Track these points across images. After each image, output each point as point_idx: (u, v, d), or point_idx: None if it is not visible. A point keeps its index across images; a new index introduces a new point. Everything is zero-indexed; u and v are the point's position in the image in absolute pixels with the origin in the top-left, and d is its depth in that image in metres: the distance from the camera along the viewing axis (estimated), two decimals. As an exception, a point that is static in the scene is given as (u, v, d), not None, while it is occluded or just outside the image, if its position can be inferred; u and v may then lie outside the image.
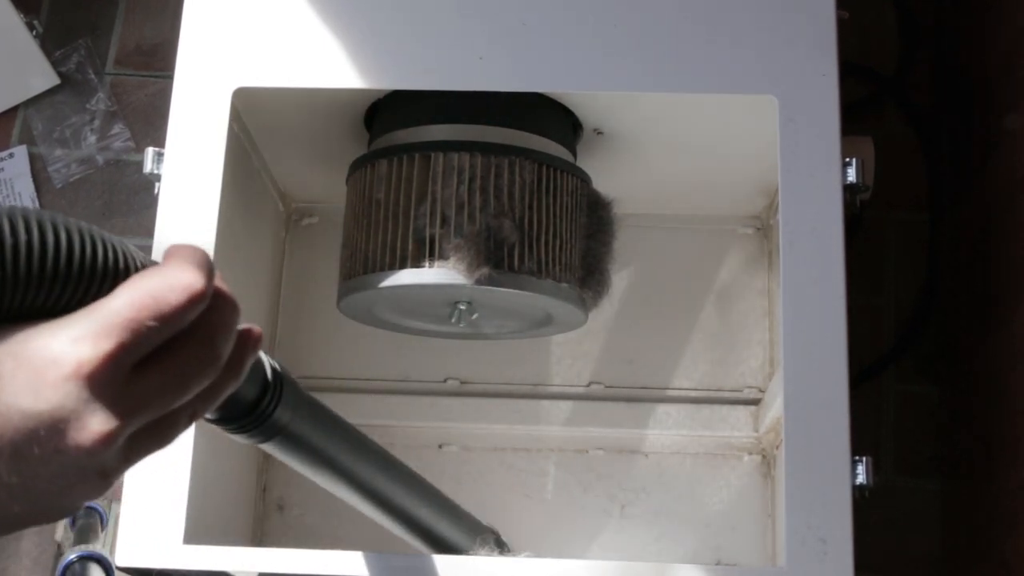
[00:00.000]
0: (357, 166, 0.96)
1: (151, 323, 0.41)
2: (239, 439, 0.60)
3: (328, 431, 0.67)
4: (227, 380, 0.47)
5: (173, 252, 0.46)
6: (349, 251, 0.95)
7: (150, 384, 0.42)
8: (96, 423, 0.40)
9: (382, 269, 0.91)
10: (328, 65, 0.90)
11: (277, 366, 0.60)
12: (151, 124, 1.37)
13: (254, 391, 0.58)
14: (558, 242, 0.92)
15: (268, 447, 0.62)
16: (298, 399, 0.61)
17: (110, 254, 0.43)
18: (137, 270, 0.44)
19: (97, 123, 1.38)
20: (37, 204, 1.35)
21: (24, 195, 1.35)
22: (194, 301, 0.43)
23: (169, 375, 0.43)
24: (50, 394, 0.40)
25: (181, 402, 0.44)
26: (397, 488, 0.77)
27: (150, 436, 0.44)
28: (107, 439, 0.41)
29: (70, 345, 0.40)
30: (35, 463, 0.40)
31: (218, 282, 0.46)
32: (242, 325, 0.48)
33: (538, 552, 1.07)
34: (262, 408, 0.58)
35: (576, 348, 1.13)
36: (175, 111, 0.89)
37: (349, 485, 0.72)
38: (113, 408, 0.41)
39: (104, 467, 0.42)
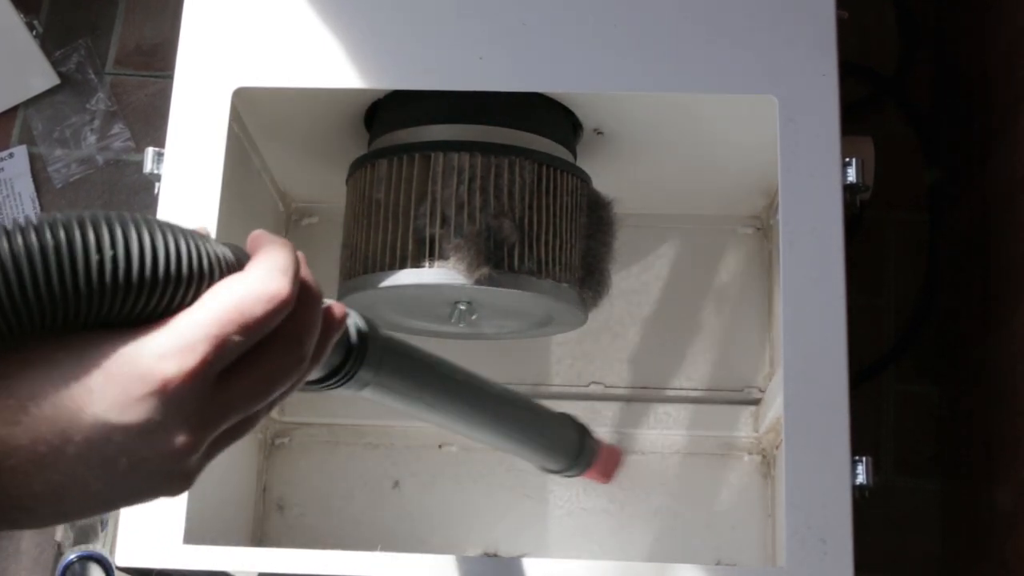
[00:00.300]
0: (357, 166, 0.96)
1: (236, 337, 0.42)
2: (328, 393, 0.61)
3: (415, 376, 0.68)
4: (311, 368, 0.48)
5: (259, 246, 0.46)
6: (349, 251, 0.95)
7: (235, 392, 0.43)
8: (181, 435, 0.42)
9: (382, 269, 0.91)
10: (328, 65, 0.90)
11: (362, 324, 0.60)
12: (151, 124, 1.37)
13: (338, 358, 0.59)
14: (558, 242, 0.92)
15: (359, 394, 0.63)
16: (382, 354, 0.62)
17: (195, 257, 0.43)
18: (223, 270, 0.44)
19: (97, 123, 1.38)
20: (37, 204, 1.35)
21: (24, 195, 1.35)
22: (279, 310, 0.43)
23: (254, 381, 0.44)
24: (137, 409, 0.41)
25: (265, 404, 0.45)
26: (480, 418, 0.78)
27: (232, 434, 0.45)
28: (190, 449, 0.42)
29: (156, 361, 0.41)
30: (121, 471, 0.42)
31: (303, 273, 0.46)
32: (324, 303, 0.48)
33: (538, 552, 1.07)
34: (346, 370, 0.59)
35: (576, 348, 1.13)
36: (175, 111, 0.89)
37: (439, 419, 0.75)
38: (197, 420, 0.42)
39: (187, 470, 0.44)
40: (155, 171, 0.89)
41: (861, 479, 0.80)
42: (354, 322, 0.60)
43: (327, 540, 1.08)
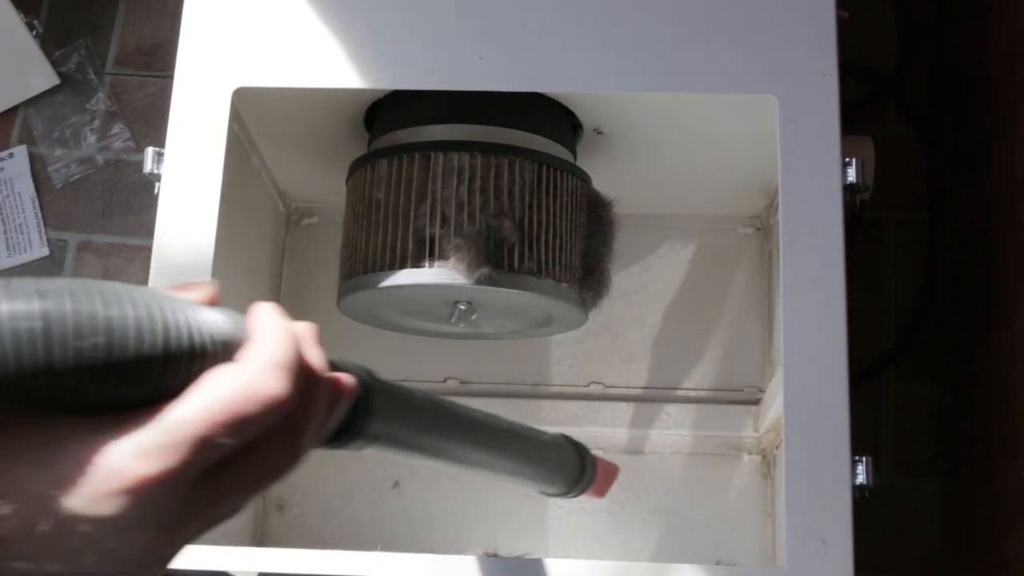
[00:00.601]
0: (357, 166, 0.96)
1: (224, 440, 0.39)
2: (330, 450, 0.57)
3: (422, 425, 0.64)
4: (309, 452, 0.44)
5: (257, 328, 0.42)
6: (349, 251, 0.95)
7: (218, 491, 0.40)
8: (154, 534, 0.39)
9: (382, 269, 0.91)
10: (328, 65, 0.90)
11: (364, 377, 0.55)
12: (151, 124, 1.37)
13: (343, 419, 0.54)
14: (558, 242, 0.92)
15: (361, 452, 0.60)
16: (388, 407, 0.57)
17: (185, 341, 0.39)
18: (214, 355, 0.40)
19: (97, 123, 1.38)
20: (37, 204, 1.35)
21: (24, 195, 1.35)
22: (275, 412, 0.40)
23: (241, 480, 0.41)
24: (108, 504, 0.38)
25: (253, 496, 0.42)
26: (487, 457, 0.75)
27: (214, 522, 0.42)
28: (162, 547, 0.40)
29: (135, 458, 0.38)
30: (88, 562, 0.39)
31: (308, 358, 0.42)
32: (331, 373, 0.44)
33: (538, 552, 1.07)
34: (353, 430, 0.55)
35: (576, 348, 1.13)
36: (175, 111, 0.89)
37: (445, 463, 0.72)
38: (173, 520, 0.39)
39: (160, 560, 0.41)
40: (155, 171, 0.89)
41: (861, 479, 0.80)
42: (359, 380, 0.55)
43: (327, 540, 1.08)
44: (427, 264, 0.89)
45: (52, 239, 1.35)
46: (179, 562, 0.83)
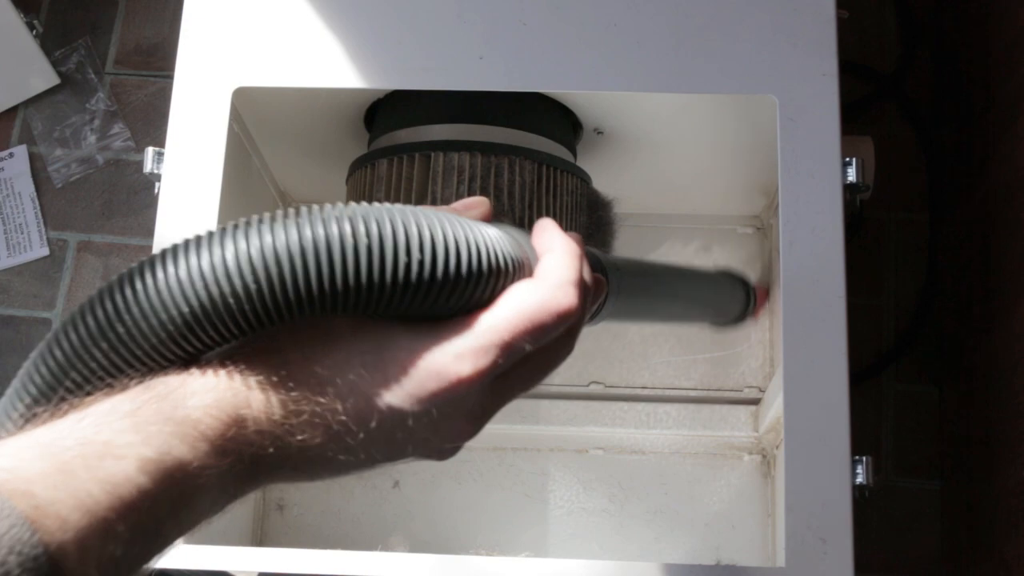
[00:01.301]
0: (357, 166, 0.96)
1: (526, 346, 0.46)
2: None
3: (640, 294, 0.71)
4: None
5: (548, 247, 0.49)
6: (349, 251, 0.95)
7: (513, 383, 0.47)
8: (463, 425, 0.46)
9: (382, 269, 0.91)
10: (328, 65, 0.90)
11: (609, 270, 0.61)
12: (151, 124, 1.37)
13: None
14: (558, 242, 0.92)
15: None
16: (618, 287, 0.63)
17: (492, 261, 0.45)
18: (513, 272, 0.46)
19: (97, 123, 1.38)
20: (37, 204, 1.35)
21: (24, 195, 1.35)
22: (568, 322, 0.47)
23: (531, 373, 0.48)
24: (430, 403, 0.44)
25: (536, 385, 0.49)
26: (689, 308, 0.83)
27: (503, 407, 0.49)
28: (468, 435, 0.47)
29: (452, 360, 0.44)
30: (403, 451, 0.46)
31: (586, 270, 0.49)
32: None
33: (538, 552, 1.07)
34: (596, 312, 0.61)
35: (576, 348, 1.12)
36: (175, 111, 0.89)
37: (657, 320, 0.81)
38: (479, 411, 0.46)
39: (458, 446, 0.48)
40: (155, 171, 0.89)
41: (861, 479, 0.80)
42: (605, 271, 0.62)
43: (327, 540, 1.08)
44: (427, 264, 0.89)
45: (52, 239, 1.35)
46: (179, 562, 0.83)
